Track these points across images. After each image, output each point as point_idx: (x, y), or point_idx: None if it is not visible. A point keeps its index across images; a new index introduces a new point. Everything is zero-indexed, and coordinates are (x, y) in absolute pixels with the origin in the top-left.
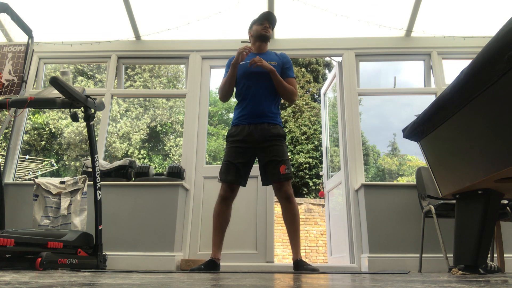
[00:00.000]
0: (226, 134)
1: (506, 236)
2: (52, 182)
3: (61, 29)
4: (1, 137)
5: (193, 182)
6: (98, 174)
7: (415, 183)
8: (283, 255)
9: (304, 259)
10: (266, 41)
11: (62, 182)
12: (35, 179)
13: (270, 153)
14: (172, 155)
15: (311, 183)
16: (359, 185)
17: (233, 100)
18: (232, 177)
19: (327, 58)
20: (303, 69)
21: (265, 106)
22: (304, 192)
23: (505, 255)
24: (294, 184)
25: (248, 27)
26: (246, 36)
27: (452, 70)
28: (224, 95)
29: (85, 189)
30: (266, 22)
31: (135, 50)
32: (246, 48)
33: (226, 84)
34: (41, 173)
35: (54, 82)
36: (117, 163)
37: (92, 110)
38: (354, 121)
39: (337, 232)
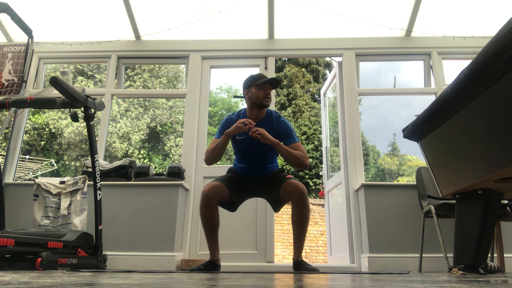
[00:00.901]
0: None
1: (506, 236)
2: (52, 182)
3: (61, 29)
4: (1, 137)
5: (193, 182)
6: (98, 174)
7: (415, 183)
8: (283, 255)
9: (304, 259)
10: (266, 107)
11: (62, 182)
12: (35, 179)
13: (271, 181)
14: (172, 155)
15: (311, 183)
16: (359, 185)
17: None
18: (228, 182)
19: (327, 58)
20: (303, 69)
21: (261, 166)
22: None
23: (505, 255)
24: None
25: (244, 83)
26: (246, 36)
27: (452, 70)
28: (211, 160)
29: (85, 189)
30: (268, 87)
31: (135, 50)
32: (246, 123)
33: (215, 151)
34: (41, 173)
35: (54, 82)
36: (117, 163)
37: (92, 110)
38: (354, 121)
39: (337, 232)
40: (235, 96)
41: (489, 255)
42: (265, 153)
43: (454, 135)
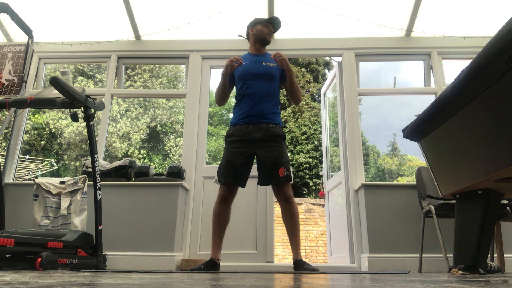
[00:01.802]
0: (225, 134)
1: (506, 236)
2: (52, 182)
3: (61, 29)
4: (1, 137)
5: (193, 182)
6: (98, 174)
7: (415, 183)
8: (283, 255)
9: (304, 259)
10: (267, 45)
11: (62, 182)
12: (35, 179)
13: (269, 155)
14: (172, 155)
15: (311, 183)
16: (359, 185)
17: (233, 100)
18: (232, 178)
19: (327, 58)
20: (303, 69)
21: (265, 106)
22: (304, 192)
23: (505, 255)
24: (294, 184)
25: (250, 23)
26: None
27: (452, 70)
28: (218, 100)
29: (85, 189)
30: (271, 26)
31: (135, 50)
32: (235, 60)
33: (219, 92)
34: (41, 173)
35: (54, 82)
36: (117, 163)
37: (92, 110)
38: (354, 121)
39: (337, 232)
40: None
41: (489, 255)
42: (268, 83)
43: (454, 135)
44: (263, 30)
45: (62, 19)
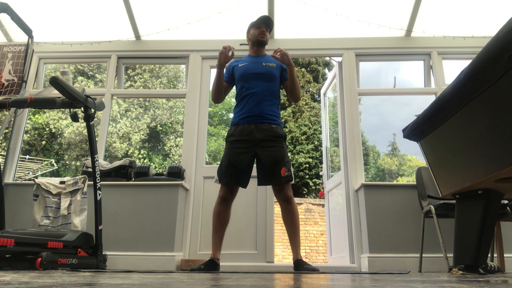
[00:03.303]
0: (226, 134)
1: (506, 236)
2: (52, 182)
3: (61, 29)
4: (1, 137)
5: (193, 182)
6: (98, 174)
7: (415, 183)
8: (283, 255)
9: (304, 259)
10: (263, 45)
11: (62, 182)
12: (35, 179)
13: (271, 155)
14: (172, 155)
15: (311, 183)
16: (359, 185)
17: (233, 100)
18: (232, 179)
19: (327, 58)
20: (303, 69)
21: (265, 106)
22: (304, 192)
23: (505, 255)
24: (294, 184)
25: (246, 29)
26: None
27: (452, 70)
28: (214, 95)
29: (85, 189)
30: (263, 26)
31: (135, 50)
32: (226, 47)
33: (214, 86)
34: (41, 173)
35: (54, 82)
36: (117, 163)
37: (92, 110)
38: (354, 121)
39: (337, 232)
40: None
41: (489, 255)
42: (268, 84)
43: (454, 135)
44: (255, 32)
45: (62, 19)
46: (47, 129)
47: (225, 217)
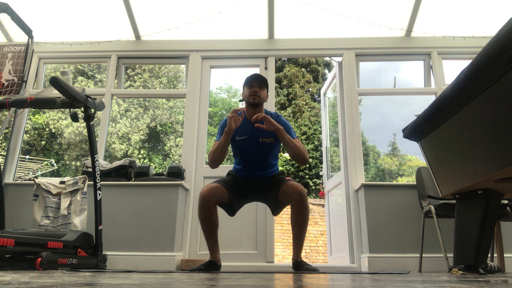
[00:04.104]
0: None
1: (506, 236)
2: (52, 182)
3: (61, 29)
4: (1, 137)
5: (193, 182)
6: (98, 174)
7: (415, 183)
8: (283, 255)
9: (304, 259)
10: (258, 106)
11: (62, 182)
12: (35, 179)
13: (271, 184)
14: (172, 155)
15: (311, 183)
16: (359, 185)
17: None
18: (228, 187)
19: (327, 58)
20: (303, 69)
21: (263, 168)
22: None
23: (505, 255)
24: None
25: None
26: (246, 36)
27: (452, 70)
28: (215, 162)
29: (85, 189)
30: (255, 84)
31: (135, 50)
32: (237, 111)
33: (217, 151)
34: (41, 173)
35: (54, 82)
36: (117, 163)
37: (92, 110)
38: (354, 121)
39: (337, 232)
40: (240, 100)
41: (489, 255)
42: (266, 155)
43: (454, 135)
44: (246, 93)
45: (62, 19)
46: (47, 129)
47: (212, 221)
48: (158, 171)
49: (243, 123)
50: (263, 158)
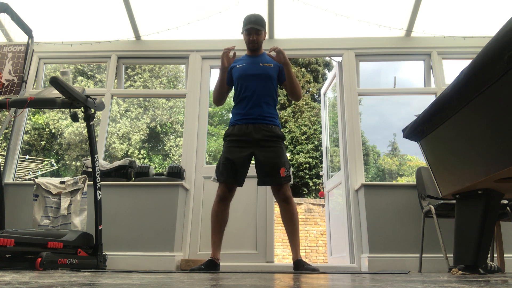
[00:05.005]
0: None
1: (506, 236)
2: (52, 182)
3: (61, 29)
4: (1, 137)
5: (193, 182)
6: (98, 174)
7: (415, 183)
8: (283, 255)
9: (304, 259)
10: (256, 49)
11: (62, 182)
12: (35, 179)
13: (269, 155)
14: (172, 155)
15: (311, 183)
16: (359, 185)
17: (232, 101)
18: (230, 177)
19: (327, 58)
20: (303, 69)
21: (263, 107)
22: (304, 192)
23: (505, 255)
24: (294, 184)
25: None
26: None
27: (452, 70)
28: (216, 98)
29: (85, 189)
30: (253, 31)
31: (135, 50)
32: (228, 49)
33: (217, 89)
34: (41, 173)
35: (54, 82)
36: (117, 163)
37: (92, 110)
38: (354, 121)
39: (337, 232)
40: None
41: (489, 255)
42: (265, 84)
43: (454, 135)
44: (245, 38)
45: (62, 19)
46: (47, 129)
47: (223, 216)
48: (158, 171)
49: (244, 60)
50: (263, 85)
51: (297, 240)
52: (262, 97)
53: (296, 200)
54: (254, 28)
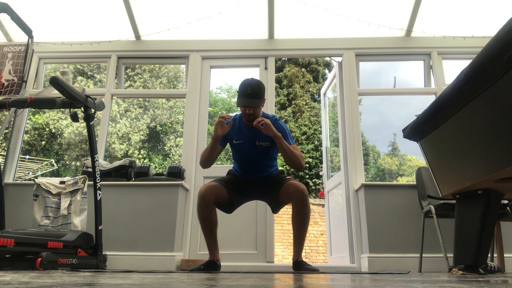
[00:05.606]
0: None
1: (506, 236)
2: (52, 182)
3: (61, 29)
4: (1, 137)
5: (193, 182)
6: (98, 174)
7: (415, 183)
8: (283, 255)
9: (304, 259)
10: (254, 119)
11: (62, 182)
12: (35, 179)
13: (271, 183)
14: (172, 155)
15: (311, 183)
16: (359, 185)
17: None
18: (227, 185)
19: (327, 58)
20: (303, 69)
21: (262, 170)
22: None
23: (505, 255)
24: None
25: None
26: (246, 36)
27: (452, 70)
28: (205, 161)
29: (85, 189)
30: (248, 105)
31: (135, 50)
32: (222, 118)
33: (205, 155)
34: (41, 173)
35: (54, 82)
36: (117, 163)
37: (92, 110)
38: (354, 121)
39: (337, 232)
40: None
41: (489, 255)
42: (264, 157)
43: (454, 135)
44: (241, 110)
45: (62, 19)
46: (47, 129)
47: (211, 219)
48: (158, 171)
49: (240, 127)
50: (261, 160)
51: (303, 242)
52: (261, 164)
53: None
54: (250, 102)
